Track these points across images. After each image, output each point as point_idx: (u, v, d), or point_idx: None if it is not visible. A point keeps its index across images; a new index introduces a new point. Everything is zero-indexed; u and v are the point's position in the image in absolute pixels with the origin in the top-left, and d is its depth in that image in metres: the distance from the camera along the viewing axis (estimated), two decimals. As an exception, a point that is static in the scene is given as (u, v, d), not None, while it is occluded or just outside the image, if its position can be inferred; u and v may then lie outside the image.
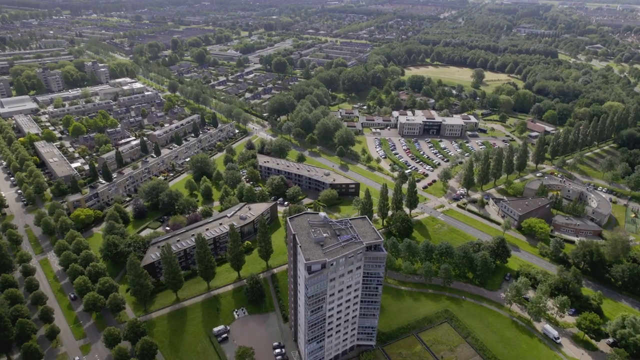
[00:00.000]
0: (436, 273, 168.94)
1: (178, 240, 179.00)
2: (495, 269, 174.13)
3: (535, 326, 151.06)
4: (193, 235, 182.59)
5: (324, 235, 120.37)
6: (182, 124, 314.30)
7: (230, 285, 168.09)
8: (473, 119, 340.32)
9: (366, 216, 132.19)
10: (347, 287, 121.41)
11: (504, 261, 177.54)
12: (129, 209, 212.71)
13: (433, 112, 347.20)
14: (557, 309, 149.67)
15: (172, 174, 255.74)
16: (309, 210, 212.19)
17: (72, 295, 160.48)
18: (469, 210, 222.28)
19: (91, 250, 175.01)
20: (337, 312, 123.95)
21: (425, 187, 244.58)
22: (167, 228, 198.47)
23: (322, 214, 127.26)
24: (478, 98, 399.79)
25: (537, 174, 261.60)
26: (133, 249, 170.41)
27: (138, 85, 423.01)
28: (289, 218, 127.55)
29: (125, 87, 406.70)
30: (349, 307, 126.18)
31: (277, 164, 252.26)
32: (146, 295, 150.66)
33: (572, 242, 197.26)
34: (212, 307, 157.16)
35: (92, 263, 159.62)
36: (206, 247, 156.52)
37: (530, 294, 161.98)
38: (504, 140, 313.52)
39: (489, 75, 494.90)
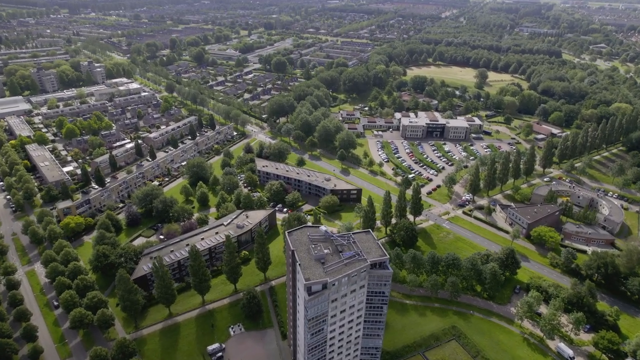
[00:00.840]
0: (442, 286, 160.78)
1: (172, 251, 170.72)
2: (504, 281, 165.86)
3: (549, 344, 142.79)
4: (187, 245, 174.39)
5: (325, 251, 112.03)
6: (178, 126, 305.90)
7: (226, 298, 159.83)
8: (477, 121, 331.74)
9: (370, 230, 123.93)
10: (350, 307, 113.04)
11: (513, 273, 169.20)
12: (121, 216, 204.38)
13: (436, 114, 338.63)
14: (572, 326, 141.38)
15: (167, 179, 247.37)
16: (308, 218, 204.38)
17: (55, 303, 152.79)
18: (476, 218, 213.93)
19: (80, 262, 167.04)
20: (339, 334, 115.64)
21: (429, 193, 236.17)
22: (161, 236, 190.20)
23: (323, 227, 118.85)
24: (482, 99, 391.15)
25: (545, 179, 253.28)
26: (124, 260, 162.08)
27: (135, 85, 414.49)
28: (288, 232, 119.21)
29: (121, 88, 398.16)
30: (351, 327, 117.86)
31: (276, 168, 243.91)
32: (137, 311, 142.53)
33: (584, 251, 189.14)
34: (206, 323, 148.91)
35: (80, 276, 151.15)
36: (200, 260, 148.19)
37: (543, 309, 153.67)
38: (509, 143, 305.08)
39: (492, 76, 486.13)
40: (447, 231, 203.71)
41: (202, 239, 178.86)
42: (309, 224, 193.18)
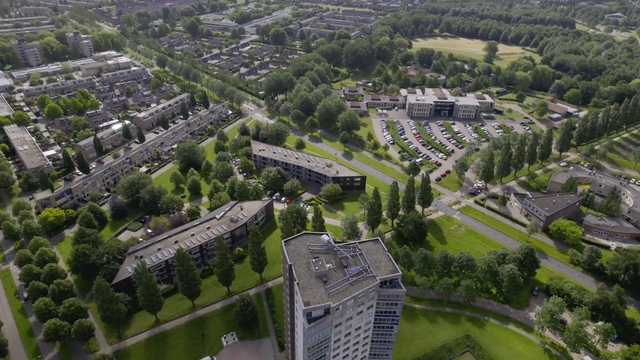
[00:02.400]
0: (455, 287, 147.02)
1: (159, 249, 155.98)
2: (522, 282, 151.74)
3: (572, 356, 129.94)
4: (176, 241, 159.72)
5: (328, 265, 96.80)
6: (169, 105, 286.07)
7: (219, 302, 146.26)
8: (488, 99, 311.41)
9: (379, 238, 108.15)
10: (356, 329, 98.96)
11: (531, 274, 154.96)
12: (106, 207, 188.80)
13: (445, 91, 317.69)
14: (599, 336, 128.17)
15: (157, 164, 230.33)
16: (308, 209, 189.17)
17: (24, 295, 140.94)
18: (489, 208, 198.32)
19: (58, 263, 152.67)
20: (344, 358, 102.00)
21: (438, 180, 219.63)
22: (149, 230, 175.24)
23: (325, 236, 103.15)
24: (492, 74, 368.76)
25: (562, 164, 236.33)
26: (106, 261, 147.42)
27: (124, 59, 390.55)
28: (284, 242, 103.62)
29: (110, 62, 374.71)
30: (357, 349, 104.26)
31: (274, 152, 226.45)
32: (119, 321, 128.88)
33: (606, 247, 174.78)
34: (197, 332, 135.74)
35: (56, 281, 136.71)
36: (189, 264, 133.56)
37: (566, 316, 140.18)
38: (522, 124, 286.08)
39: (502, 48, 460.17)
40: (458, 223, 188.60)
41: (193, 234, 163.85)
42: (309, 215, 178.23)
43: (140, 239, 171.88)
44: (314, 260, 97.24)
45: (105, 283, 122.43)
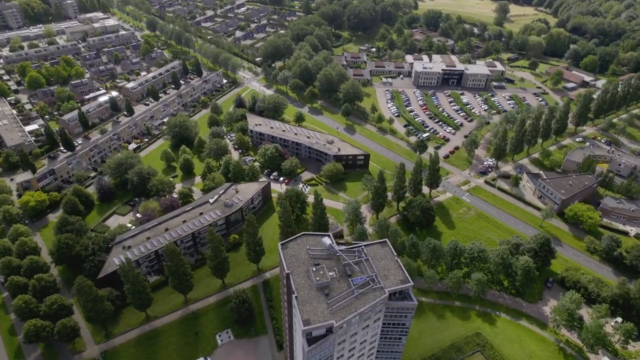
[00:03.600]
0: (464, 278, 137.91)
1: (148, 238, 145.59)
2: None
3: (589, 357, 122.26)
4: (167, 229, 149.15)
5: (330, 274, 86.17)
6: (160, 74, 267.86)
7: (213, 296, 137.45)
8: (499, 67, 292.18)
9: (387, 240, 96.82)
10: (361, 342, 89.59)
11: (546, 264, 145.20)
12: (93, 189, 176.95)
13: (453, 58, 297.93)
14: (619, 336, 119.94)
15: (147, 139, 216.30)
16: (308, 190, 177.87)
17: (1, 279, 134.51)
18: (500, 189, 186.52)
19: (41, 252, 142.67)
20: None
21: (446, 157, 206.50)
22: (138, 215, 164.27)
23: (327, 240, 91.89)
24: (504, 39, 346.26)
25: (577, 139, 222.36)
26: (91, 252, 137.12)
27: (112, 22, 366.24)
28: (281, 245, 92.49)
29: (96, 25, 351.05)
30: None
31: (271, 127, 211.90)
32: (105, 321, 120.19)
33: (625, 232, 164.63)
34: (189, 329, 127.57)
35: (37, 275, 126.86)
36: (179, 259, 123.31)
37: (583, 312, 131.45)
38: (534, 94, 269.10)
39: (514, 9, 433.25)
40: (468, 206, 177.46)
41: (184, 221, 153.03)
42: (309, 197, 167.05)
43: (129, 225, 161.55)
44: (314, 268, 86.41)
45: (88, 283, 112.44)
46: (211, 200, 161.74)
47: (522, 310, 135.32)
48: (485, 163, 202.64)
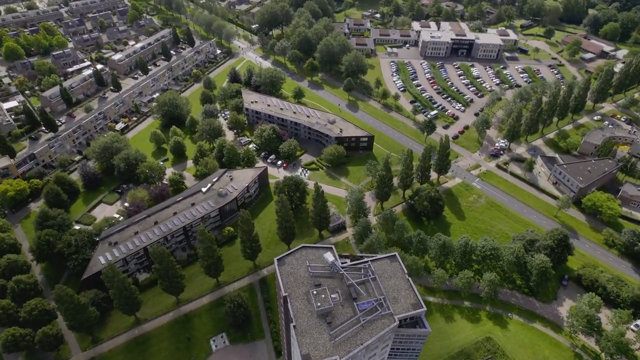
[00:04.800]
0: (475, 275, 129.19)
1: (136, 233, 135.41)
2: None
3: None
4: (156, 222, 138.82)
5: (333, 297, 76.46)
6: (149, 43, 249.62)
7: (206, 296, 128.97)
8: (512, 35, 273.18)
9: (396, 253, 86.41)
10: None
11: (562, 260, 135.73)
12: (77, 175, 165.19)
13: (463, 26, 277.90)
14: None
15: (135, 118, 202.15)
16: (307, 175, 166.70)
17: None
18: (512, 174, 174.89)
19: (20, 253, 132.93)
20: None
21: (455, 137, 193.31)
22: (126, 204, 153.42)
23: (330, 256, 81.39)
24: (517, 4, 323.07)
25: (595, 117, 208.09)
26: (75, 250, 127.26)
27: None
28: (278, 260, 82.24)
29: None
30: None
31: (268, 105, 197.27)
32: (90, 329, 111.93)
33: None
34: (182, 333, 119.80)
35: (15, 277, 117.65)
36: (168, 261, 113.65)
37: (602, 314, 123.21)
38: (549, 66, 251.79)
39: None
40: (478, 193, 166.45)
41: (175, 213, 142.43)
42: (309, 183, 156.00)
43: (117, 215, 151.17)
44: (315, 291, 76.45)
45: (67, 291, 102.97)
46: (204, 190, 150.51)
47: (535, 312, 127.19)
48: (497, 144, 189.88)
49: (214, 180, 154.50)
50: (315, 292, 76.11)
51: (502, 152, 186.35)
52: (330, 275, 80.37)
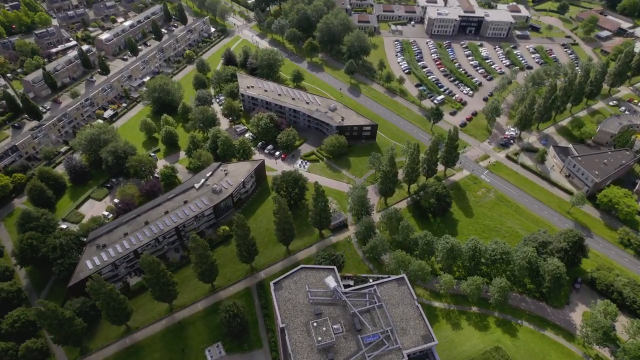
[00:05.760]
0: (484, 278, 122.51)
1: (126, 235, 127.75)
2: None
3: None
4: (147, 223, 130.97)
5: (335, 328, 69.29)
6: (139, 21, 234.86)
7: (201, 301, 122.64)
8: (523, 11, 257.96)
9: (404, 276, 78.75)
10: (372, 403, 74.69)
11: (576, 263, 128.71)
12: (62, 169, 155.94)
13: (472, 1, 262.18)
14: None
15: (124, 105, 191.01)
16: (307, 167, 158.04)
17: None
18: (523, 166, 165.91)
19: (2, 256, 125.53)
20: None
21: (463, 125, 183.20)
22: (116, 201, 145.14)
23: (332, 281, 73.76)
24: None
25: (610, 102, 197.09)
26: (60, 254, 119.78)
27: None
28: (274, 284, 74.68)
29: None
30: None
31: (265, 90, 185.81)
32: (76, 342, 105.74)
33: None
34: (175, 342, 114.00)
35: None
36: (158, 271, 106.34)
37: (617, 323, 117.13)
38: (563, 45, 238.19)
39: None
40: (487, 187, 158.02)
41: (167, 212, 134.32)
42: (308, 178, 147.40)
43: (106, 212, 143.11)
44: (315, 323, 69.13)
45: (50, 306, 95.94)
46: (197, 185, 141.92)
47: (546, 318, 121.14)
48: (507, 133, 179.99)
49: (208, 175, 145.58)
50: (315, 324, 68.87)
51: (512, 141, 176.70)
52: (332, 302, 73.02)
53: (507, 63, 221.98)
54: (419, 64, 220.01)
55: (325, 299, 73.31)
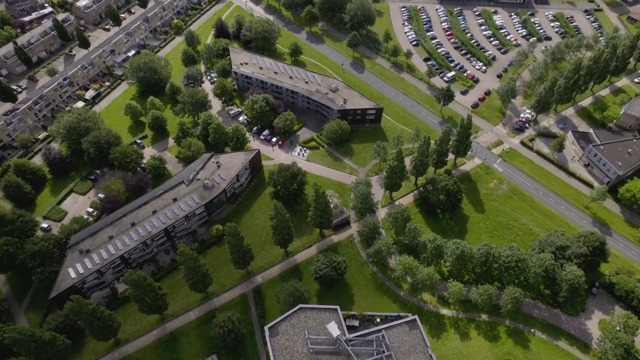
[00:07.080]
0: (495, 282, 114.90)
1: (111, 238, 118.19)
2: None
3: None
4: (134, 224, 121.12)
5: (339, 386, 60.83)
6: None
7: (194, 309, 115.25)
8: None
9: (416, 317, 69.86)
10: None
11: (594, 267, 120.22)
12: (39, 160, 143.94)
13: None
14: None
15: (108, 83, 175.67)
16: (307, 155, 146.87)
17: None
18: (538, 153, 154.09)
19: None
20: None
21: (475, 106, 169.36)
22: (100, 195, 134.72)
23: (335, 329, 64.80)
24: None
25: (635, 79, 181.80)
26: (40, 262, 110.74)
27: None
28: (269, 330, 65.95)
29: None
30: None
31: (260, 68, 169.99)
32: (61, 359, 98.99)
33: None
34: (168, 355, 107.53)
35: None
36: (145, 286, 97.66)
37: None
38: (585, 11, 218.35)
39: None
40: (500, 178, 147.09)
41: (155, 211, 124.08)
42: (302, 160, 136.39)
43: (91, 209, 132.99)
44: (316, 381, 60.72)
45: (25, 332, 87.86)
46: (187, 181, 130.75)
47: (560, 327, 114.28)
48: (522, 115, 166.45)
49: (199, 168, 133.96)
50: (316, 382, 60.51)
51: (527, 124, 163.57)
52: (334, 351, 64.43)
53: (524, 33, 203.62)
54: (428, 34, 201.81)
55: (327, 348, 64.81)
